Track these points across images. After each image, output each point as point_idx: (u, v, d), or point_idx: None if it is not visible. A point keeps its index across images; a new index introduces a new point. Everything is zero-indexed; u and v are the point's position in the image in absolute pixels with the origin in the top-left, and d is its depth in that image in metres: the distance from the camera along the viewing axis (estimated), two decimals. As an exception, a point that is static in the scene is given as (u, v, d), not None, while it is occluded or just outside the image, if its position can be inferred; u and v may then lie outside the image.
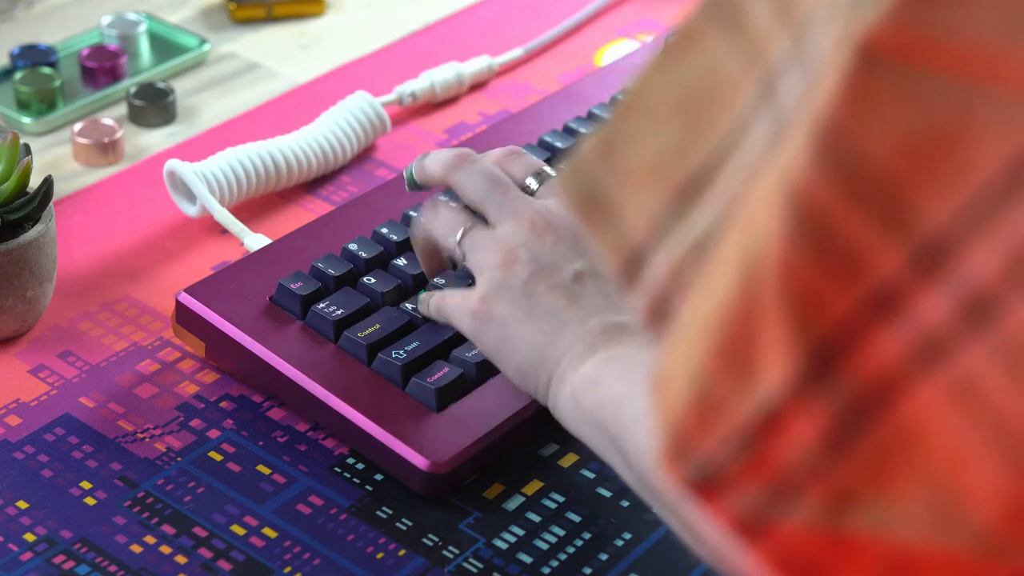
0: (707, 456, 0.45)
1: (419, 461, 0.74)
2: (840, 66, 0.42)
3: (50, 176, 0.82)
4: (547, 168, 0.77)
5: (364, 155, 0.99)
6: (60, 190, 0.95)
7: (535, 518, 0.75)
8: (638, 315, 0.50)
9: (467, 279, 0.79)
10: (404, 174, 0.80)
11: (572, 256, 0.71)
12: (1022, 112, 0.40)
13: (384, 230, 0.85)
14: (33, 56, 1.03)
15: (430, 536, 0.73)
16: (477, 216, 0.75)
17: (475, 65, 1.05)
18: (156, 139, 1.00)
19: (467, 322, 0.72)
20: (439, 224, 0.75)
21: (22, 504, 0.74)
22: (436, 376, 0.76)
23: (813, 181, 0.42)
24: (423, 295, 0.77)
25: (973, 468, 0.41)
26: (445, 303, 0.73)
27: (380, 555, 0.72)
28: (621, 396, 0.64)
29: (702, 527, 0.51)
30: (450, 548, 0.73)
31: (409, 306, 0.80)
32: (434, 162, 0.77)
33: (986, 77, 0.40)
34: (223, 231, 0.91)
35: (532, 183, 0.76)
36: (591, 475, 0.77)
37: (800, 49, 0.45)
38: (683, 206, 0.49)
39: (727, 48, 0.49)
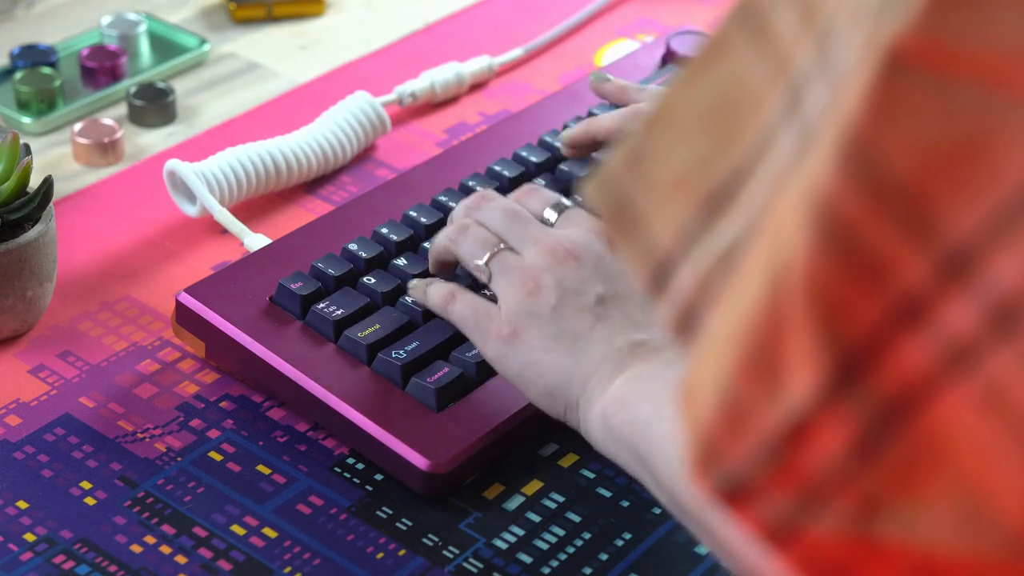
0: (736, 465, 0.45)
1: (419, 461, 0.74)
2: (865, 75, 0.42)
3: (50, 176, 0.82)
4: (564, 200, 0.78)
5: (364, 155, 0.99)
6: (60, 190, 0.95)
7: (535, 518, 0.75)
8: (665, 325, 0.50)
9: (467, 279, 0.80)
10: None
11: (594, 280, 0.72)
12: None
13: (384, 230, 0.85)
14: (33, 56, 1.03)
15: (430, 536, 0.73)
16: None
17: (475, 65, 1.05)
18: (156, 139, 1.00)
19: (492, 346, 0.72)
20: (467, 244, 0.75)
21: (22, 504, 0.74)
22: (436, 376, 0.76)
23: (839, 191, 0.42)
24: (415, 283, 0.78)
25: (1001, 474, 0.41)
26: (466, 317, 0.73)
27: (380, 555, 0.72)
28: (648, 416, 0.65)
29: (732, 534, 0.51)
30: (450, 548, 0.73)
31: (409, 299, 0.80)
32: (457, 209, 0.78)
33: (1010, 86, 0.40)
34: (223, 231, 0.91)
35: (551, 215, 0.77)
36: (591, 475, 0.77)
37: (824, 57, 0.46)
38: (710, 217, 0.49)
39: (753, 58, 0.49)
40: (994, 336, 0.41)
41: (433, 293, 0.76)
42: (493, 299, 0.75)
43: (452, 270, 0.80)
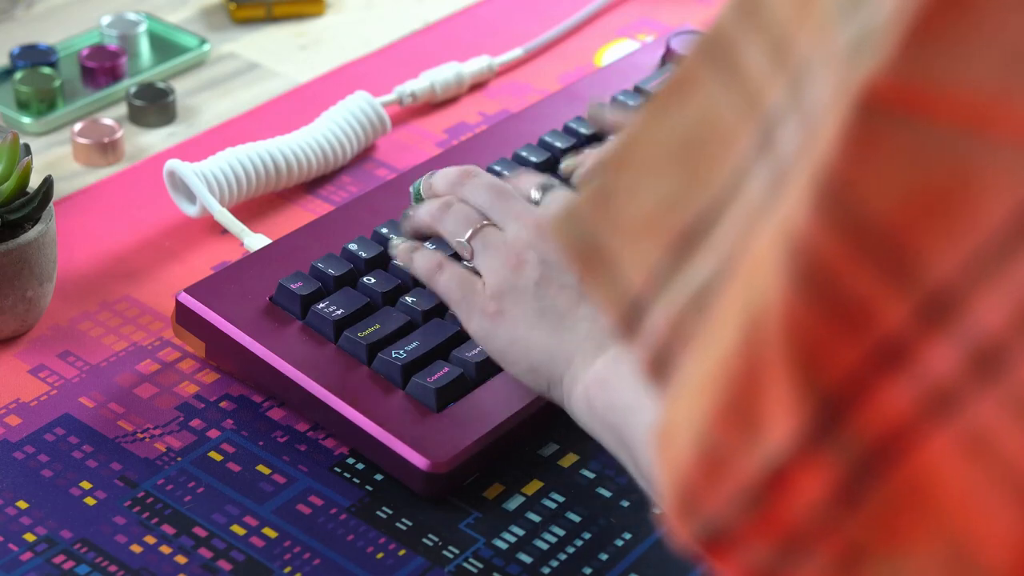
0: (715, 514, 0.44)
1: (419, 461, 0.74)
2: (840, 117, 0.41)
3: (50, 176, 0.82)
4: (552, 180, 0.77)
5: (364, 155, 0.99)
6: (60, 190, 0.95)
7: (535, 518, 0.75)
8: (639, 367, 0.50)
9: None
10: (411, 191, 0.81)
11: None
12: None
13: (384, 230, 0.85)
14: (33, 56, 1.03)
15: (430, 536, 0.73)
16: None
17: (475, 65, 1.05)
18: (156, 139, 1.00)
19: (476, 322, 0.72)
20: (449, 221, 0.75)
21: (22, 504, 0.74)
22: (436, 376, 0.76)
23: (816, 234, 0.41)
24: (398, 243, 0.77)
25: (986, 520, 0.41)
26: (452, 290, 0.73)
27: (380, 555, 0.72)
28: (630, 403, 0.65)
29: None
30: (450, 548, 0.73)
31: (409, 300, 0.80)
32: (440, 179, 0.78)
33: (988, 126, 0.40)
34: (223, 231, 0.91)
35: (536, 194, 0.76)
36: (591, 475, 0.77)
37: (797, 97, 0.45)
38: (682, 256, 0.48)
39: (723, 94, 0.48)
40: (977, 380, 0.40)
41: (420, 260, 0.75)
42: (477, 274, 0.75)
43: (426, 239, 0.80)
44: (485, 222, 0.74)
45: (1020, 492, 0.40)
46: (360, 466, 0.77)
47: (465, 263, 0.76)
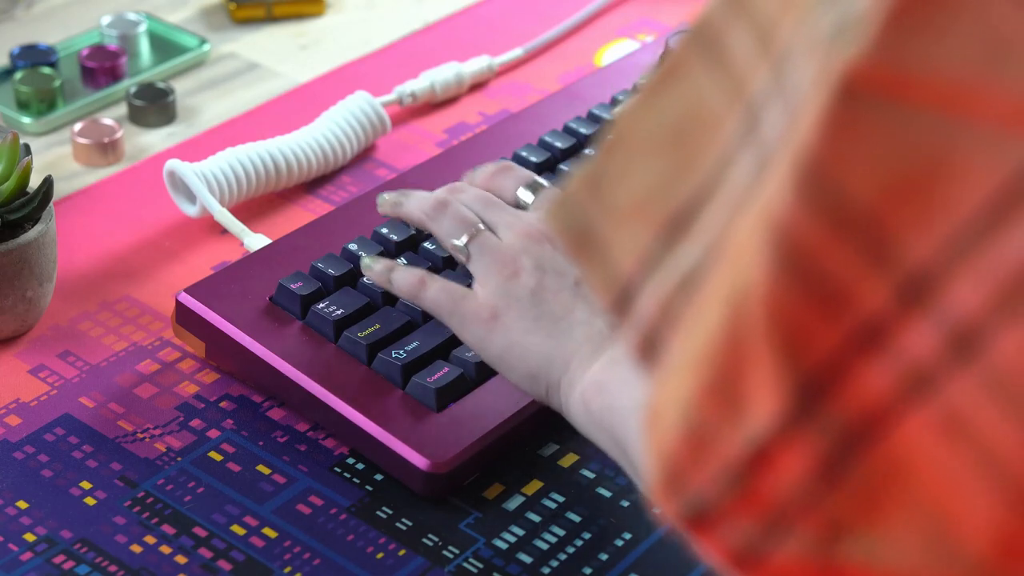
0: (699, 491, 0.45)
1: (419, 461, 0.74)
2: (821, 101, 0.42)
3: (50, 176, 0.82)
4: (539, 179, 0.77)
5: (364, 155, 0.99)
6: (60, 190, 0.95)
7: (535, 518, 0.75)
8: (630, 349, 0.50)
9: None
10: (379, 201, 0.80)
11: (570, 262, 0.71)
12: (1003, 145, 0.40)
13: (384, 230, 0.85)
14: (33, 56, 1.03)
15: (430, 536, 0.73)
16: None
17: (475, 65, 1.05)
18: (156, 139, 1.00)
19: (471, 330, 0.72)
20: (445, 222, 0.75)
21: (22, 504, 0.74)
22: (436, 376, 0.76)
23: (796, 217, 0.42)
24: (371, 264, 0.77)
25: (964, 499, 0.41)
26: (441, 303, 0.73)
27: (380, 555, 0.72)
28: (627, 404, 0.65)
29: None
30: (450, 548, 0.73)
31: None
32: (416, 204, 0.77)
33: (967, 111, 0.40)
34: (223, 231, 0.91)
35: (525, 196, 0.77)
36: (591, 475, 0.77)
37: (781, 81, 0.46)
38: (671, 240, 0.49)
39: (710, 81, 0.49)
40: (954, 361, 0.41)
41: (401, 279, 0.75)
42: (459, 279, 0.75)
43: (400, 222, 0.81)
44: (481, 226, 0.74)
45: (996, 471, 0.41)
46: (360, 466, 0.77)
47: (451, 271, 0.76)
